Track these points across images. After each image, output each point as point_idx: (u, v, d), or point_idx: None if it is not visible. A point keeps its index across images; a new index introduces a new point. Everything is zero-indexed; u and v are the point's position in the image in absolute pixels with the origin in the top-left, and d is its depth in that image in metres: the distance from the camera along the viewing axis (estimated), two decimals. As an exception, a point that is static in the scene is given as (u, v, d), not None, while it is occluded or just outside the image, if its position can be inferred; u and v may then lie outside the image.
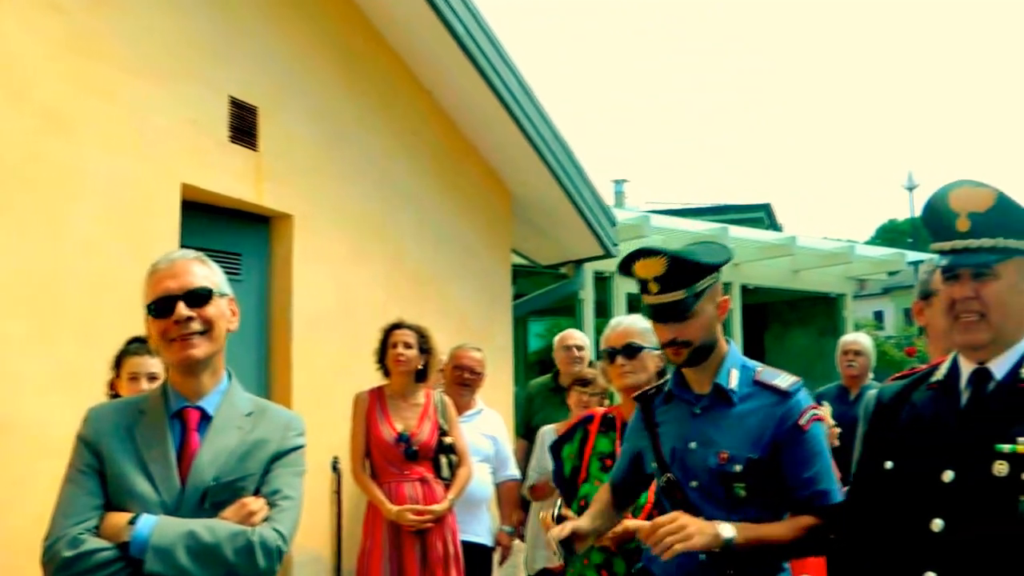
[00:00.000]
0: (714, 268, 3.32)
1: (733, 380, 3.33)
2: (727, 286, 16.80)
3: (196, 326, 2.93)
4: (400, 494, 5.91)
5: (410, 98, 8.30)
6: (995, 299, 2.62)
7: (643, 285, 3.28)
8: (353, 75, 7.50)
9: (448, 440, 6.13)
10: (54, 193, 4.90)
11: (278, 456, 2.99)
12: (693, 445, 3.29)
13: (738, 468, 3.20)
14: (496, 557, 6.93)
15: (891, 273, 20.63)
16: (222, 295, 3.04)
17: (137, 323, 3.17)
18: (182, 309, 2.91)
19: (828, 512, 3.14)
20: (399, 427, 5.99)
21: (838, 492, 3.23)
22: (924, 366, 3.02)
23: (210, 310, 2.97)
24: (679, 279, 3.22)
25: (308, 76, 6.93)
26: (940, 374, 2.79)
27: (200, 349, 2.95)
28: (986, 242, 2.60)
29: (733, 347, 3.44)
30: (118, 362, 4.44)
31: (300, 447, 3.07)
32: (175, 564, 2.69)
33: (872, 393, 3.07)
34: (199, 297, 2.96)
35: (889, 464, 2.72)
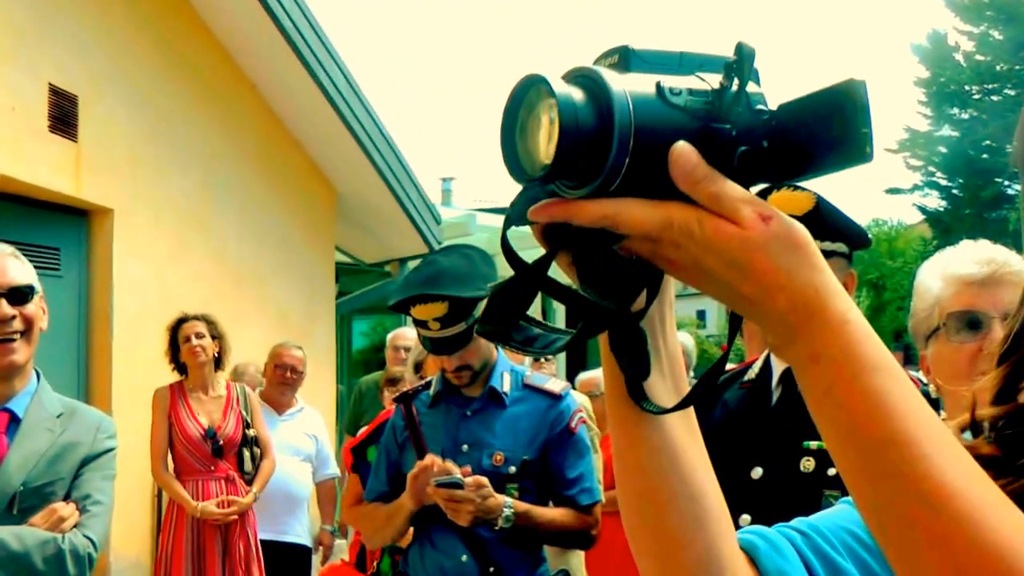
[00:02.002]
0: None
1: (506, 383, 3.38)
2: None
3: (18, 325, 2.80)
4: (207, 492, 5.73)
5: (235, 91, 8.16)
6: None
7: (421, 323, 3.27)
8: (176, 66, 7.33)
9: (251, 432, 5.98)
10: None
11: (89, 459, 2.89)
12: (465, 447, 3.30)
13: (513, 469, 3.26)
14: (317, 558, 6.86)
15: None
16: (37, 293, 2.92)
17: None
18: (5, 307, 2.77)
19: (591, 509, 3.32)
20: (204, 422, 5.79)
21: (599, 491, 3.42)
22: (738, 365, 3.07)
23: (30, 308, 2.84)
24: (459, 315, 3.21)
25: (131, 66, 6.74)
26: (752, 373, 2.85)
27: (21, 354, 2.82)
28: None
29: (501, 353, 3.49)
30: None
31: (111, 450, 2.98)
32: (-19, 574, 2.58)
33: None
34: (22, 295, 2.83)
35: None
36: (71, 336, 6.21)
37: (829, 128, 0.83)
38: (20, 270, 2.87)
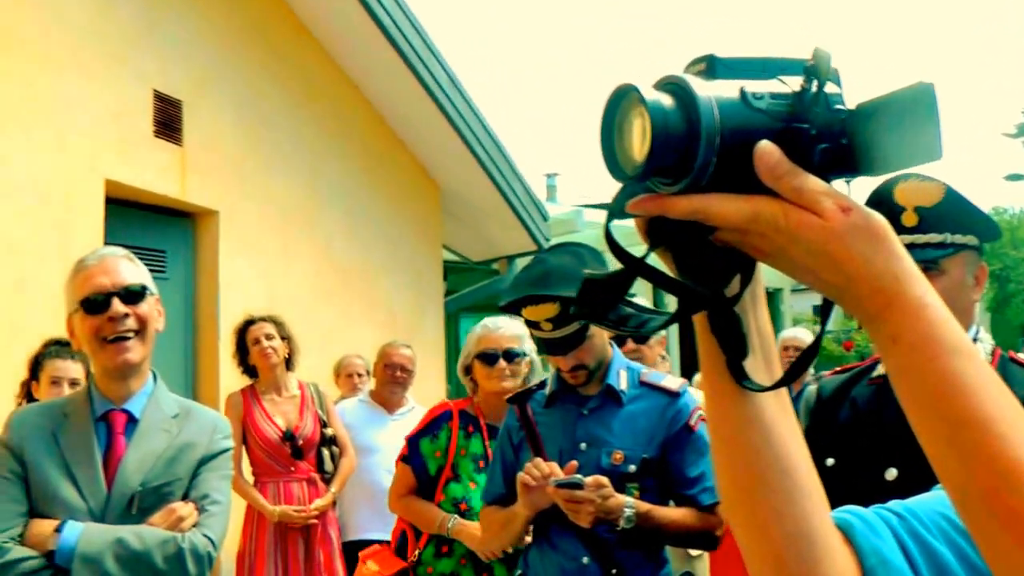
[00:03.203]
0: None
1: (623, 381, 3.34)
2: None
3: (131, 324, 2.83)
4: (288, 494, 5.73)
5: (337, 92, 8.21)
6: (941, 295, 2.57)
7: (533, 323, 3.24)
8: (278, 69, 7.40)
9: (328, 432, 5.95)
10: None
11: (206, 460, 2.91)
12: (583, 446, 3.25)
13: (633, 468, 3.19)
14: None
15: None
16: (151, 294, 2.95)
17: (61, 324, 3.07)
18: (118, 306, 2.81)
19: (714, 509, 3.20)
20: (281, 423, 5.78)
21: None
22: (865, 361, 2.94)
23: (144, 308, 2.87)
24: (571, 315, 3.11)
25: (233, 70, 6.82)
26: (881, 369, 2.70)
27: (136, 353, 2.85)
28: (934, 237, 2.57)
29: (617, 350, 3.45)
30: (36, 365, 4.28)
31: (228, 450, 3.01)
32: (103, 572, 2.61)
33: (812, 388, 3.02)
34: (134, 294, 2.86)
35: (830, 461, 2.65)
36: (178, 337, 6.31)
37: (901, 127, 0.90)
38: (132, 271, 2.91)
